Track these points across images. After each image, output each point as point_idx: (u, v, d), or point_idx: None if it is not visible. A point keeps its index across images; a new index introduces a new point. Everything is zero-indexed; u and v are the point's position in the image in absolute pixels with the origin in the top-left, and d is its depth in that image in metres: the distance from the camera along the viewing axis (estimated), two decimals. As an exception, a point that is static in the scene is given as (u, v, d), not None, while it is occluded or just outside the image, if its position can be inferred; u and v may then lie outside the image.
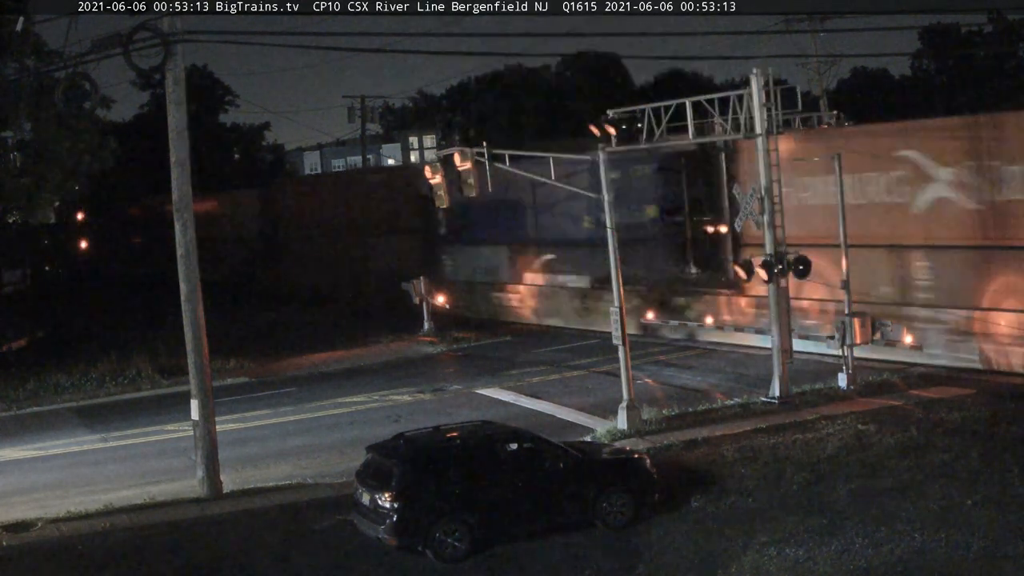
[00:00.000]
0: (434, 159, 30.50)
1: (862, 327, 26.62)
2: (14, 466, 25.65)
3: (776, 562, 16.05)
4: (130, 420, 29.89)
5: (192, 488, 21.79)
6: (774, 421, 24.17)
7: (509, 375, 32.66)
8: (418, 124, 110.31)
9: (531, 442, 18.65)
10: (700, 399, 26.91)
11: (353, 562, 17.53)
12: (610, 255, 25.22)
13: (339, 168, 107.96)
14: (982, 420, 22.87)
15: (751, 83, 26.03)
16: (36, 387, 34.05)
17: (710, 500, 19.09)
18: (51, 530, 19.82)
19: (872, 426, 22.93)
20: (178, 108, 21.60)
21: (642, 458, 19.70)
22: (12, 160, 38.47)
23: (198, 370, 21.88)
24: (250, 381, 34.82)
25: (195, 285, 21.84)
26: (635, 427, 24.35)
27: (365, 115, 70.50)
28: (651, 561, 16.77)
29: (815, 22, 43.88)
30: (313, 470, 23.28)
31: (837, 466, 20.46)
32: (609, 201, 25.29)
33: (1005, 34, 69.51)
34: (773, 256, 25.78)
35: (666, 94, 33.09)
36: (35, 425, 30.15)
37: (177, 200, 21.76)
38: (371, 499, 17.63)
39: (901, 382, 27.25)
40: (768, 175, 26.01)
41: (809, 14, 42.58)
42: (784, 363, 26.12)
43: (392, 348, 39.13)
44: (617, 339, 25.02)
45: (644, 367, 31.02)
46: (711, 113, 28.15)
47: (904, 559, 15.78)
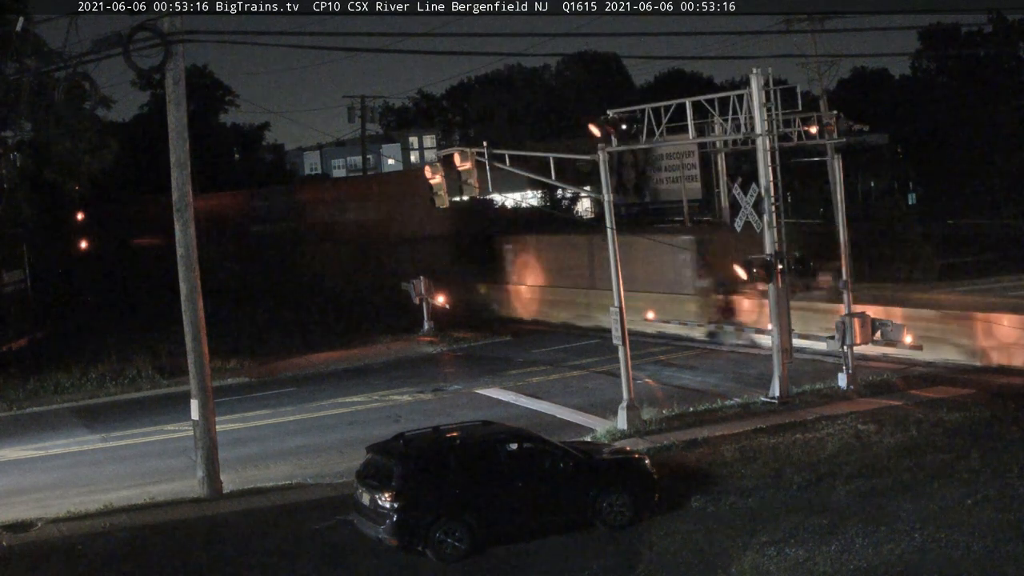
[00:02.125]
0: (434, 159, 30.50)
1: (862, 327, 26.63)
2: (14, 466, 25.64)
3: (776, 562, 16.05)
4: (130, 420, 29.89)
5: (192, 488, 21.79)
6: (774, 421, 24.17)
7: (509, 375, 32.67)
8: (418, 124, 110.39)
9: (531, 442, 18.65)
10: (700, 399, 26.91)
11: (353, 562, 17.52)
12: (610, 255, 25.21)
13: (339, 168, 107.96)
14: (982, 420, 22.89)
15: (751, 83, 26.03)
16: (36, 387, 34.05)
17: (710, 500, 19.08)
18: (51, 530, 19.81)
19: (872, 426, 22.94)
20: (178, 108, 21.60)
21: (642, 458, 19.70)
22: (12, 160, 38.48)
23: (198, 370, 21.87)
24: (250, 381, 34.82)
25: (195, 285, 21.83)
26: (635, 427, 24.35)
27: (365, 115, 70.48)
28: (651, 561, 16.76)
29: (815, 22, 43.80)
30: (313, 470, 23.28)
31: (837, 466, 20.46)
32: (609, 201, 25.30)
33: (1005, 34, 69.45)
34: (773, 256, 25.79)
35: (666, 94, 33.07)
36: (35, 425, 30.15)
37: (177, 200, 21.75)
38: (371, 499, 17.63)
39: (901, 382, 27.28)
40: (768, 175, 26.01)
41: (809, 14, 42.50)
42: (784, 363, 26.13)
43: (392, 348, 39.15)
44: (617, 339, 25.02)
45: (644, 367, 31.04)
46: (711, 113, 28.16)
47: (904, 559, 15.78)
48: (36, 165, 38.60)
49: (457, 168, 27.05)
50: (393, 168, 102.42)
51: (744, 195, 26.33)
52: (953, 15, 70.23)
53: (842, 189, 29.10)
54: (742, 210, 26.51)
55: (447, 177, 28.36)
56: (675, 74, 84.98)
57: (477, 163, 26.84)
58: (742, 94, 26.24)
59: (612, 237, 25.20)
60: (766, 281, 26.04)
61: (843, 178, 29.42)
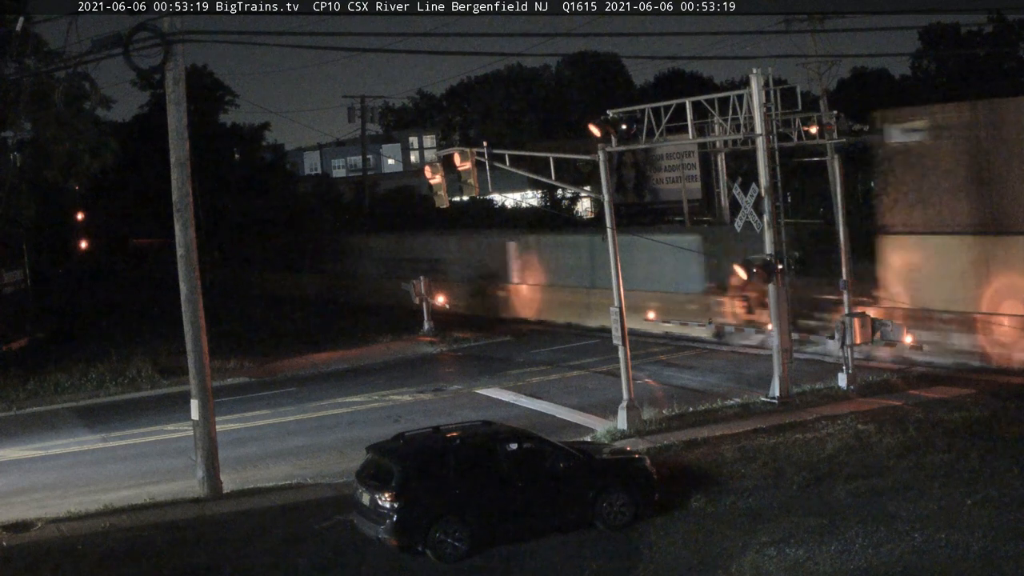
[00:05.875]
0: (434, 159, 30.51)
1: (862, 327, 26.63)
2: (14, 466, 25.65)
3: (776, 562, 16.04)
4: (130, 420, 29.90)
5: (192, 488, 21.79)
6: (774, 421, 24.17)
7: (509, 375, 32.68)
8: (418, 124, 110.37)
9: (531, 442, 18.65)
10: (700, 399, 26.91)
11: (353, 562, 17.52)
12: (610, 255, 25.21)
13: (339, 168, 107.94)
14: (982, 420, 22.88)
15: (751, 83, 26.03)
16: (36, 387, 34.04)
17: (710, 500, 19.08)
18: (51, 530, 19.81)
19: (872, 426, 22.93)
20: (178, 108, 21.60)
21: (642, 458, 19.69)
22: (12, 160, 38.49)
23: (198, 370, 21.87)
24: (250, 381, 34.83)
25: (195, 285, 21.83)
26: (635, 427, 24.35)
27: (365, 115, 70.49)
28: (651, 561, 16.76)
29: (815, 22, 43.80)
30: (313, 470, 23.28)
31: (837, 466, 20.46)
32: (609, 200, 25.29)
33: (1005, 34, 69.48)
34: (773, 256, 25.78)
35: (666, 94, 33.08)
36: (35, 425, 30.16)
37: (177, 200, 21.74)
38: (371, 499, 17.62)
39: (901, 382, 27.28)
40: (768, 175, 26.01)
41: (809, 14, 42.51)
42: (784, 363, 26.13)
43: (392, 348, 39.15)
44: (617, 339, 25.01)
45: (644, 367, 31.04)
46: (711, 113, 28.15)
47: (904, 559, 15.77)
48: (36, 165, 38.60)
49: (457, 168, 27.06)
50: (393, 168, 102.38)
51: (744, 195, 26.34)
52: (953, 15, 70.22)
53: (842, 189, 29.09)
54: (742, 210, 26.53)
55: (447, 177, 28.39)
56: (675, 74, 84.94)
57: (477, 163, 26.85)
58: (742, 94, 26.24)
59: (612, 237, 25.20)
60: (766, 281, 26.03)
61: (843, 178, 29.40)
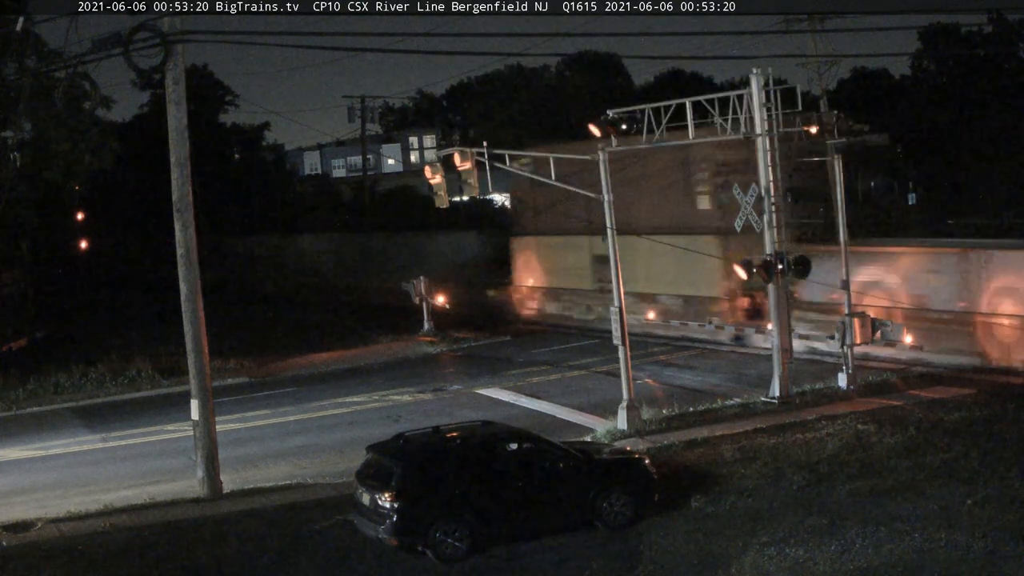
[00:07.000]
0: (434, 159, 30.50)
1: (862, 327, 26.62)
2: (14, 466, 25.65)
3: (776, 562, 16.04)
4: (130, 420, 29.91)
5: (192, 488, 21.79)
6: (774, 421, 24.17)
7: (509, 375, 32.68)
8: (418, 124, 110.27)
9: (531, 442, 18.65)
10: (700, 399, 26.91)
11: (353, 562, 17.52)
12: (610, 255, 25.21)
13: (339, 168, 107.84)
14: (982, 420, 22.88)
15: (751, 83, 26.03)
16: (36, 387, 34.06)
17: (710, 500, 19.07)
18: (51, 530, 19.81)
19: (872, 426, 22.93)
20: (178, 108, 21.60)
21: (642, 458, 19.70)
22: (12, 160, 38.47)
23: (198, 370, 21.86)
24: (250, 381, 34.84)
25: (195, 285, 21.82)
26: (635, 427, 24.34)
27: (365, 115, 70.49)
28: (651, 561, 16.75)
29: (815, 22, 43.88)
30: (313, 470, 23.28)
31: (837, 466, 20.45)
32: (609, 201, 25.28)
33: (1005, 34, 69.44)
34: (773, 256, 25.78)
35: (666, 94, 33.05)
36: (35, 425, 30.16)
37: (177, 200, 21.74)
38: (371, 499, 17.62)
39: (901, 382, 27.28)
40: (768, 175, 26.00)
41: (809, 14, 42.60)
42: (784, 363, 26.13)
43: (392, 348, 39.15)
44: (617, 339, 25.01)
45: (644, 367, 31.04)
46: (711, 113, 28.14)
47: (904, 559, 15.76)
48: (36, 165, 38.59)
49: (457, 168, 27.05)
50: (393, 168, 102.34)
51: (744, 195, 26.34)
52: (953, 15, 70.16)
53: (842, 189, 29.07)
54: (742, 210, 26.52)
55: (447, 177, 28.38)
56: (675, 74, 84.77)
57: (477, 163, 26.84)
58: (742, 94, 26.24)
59: (612, 237, 25.20)
60: (766, 281, 26.03)
61: (843, 178, 29.39)
